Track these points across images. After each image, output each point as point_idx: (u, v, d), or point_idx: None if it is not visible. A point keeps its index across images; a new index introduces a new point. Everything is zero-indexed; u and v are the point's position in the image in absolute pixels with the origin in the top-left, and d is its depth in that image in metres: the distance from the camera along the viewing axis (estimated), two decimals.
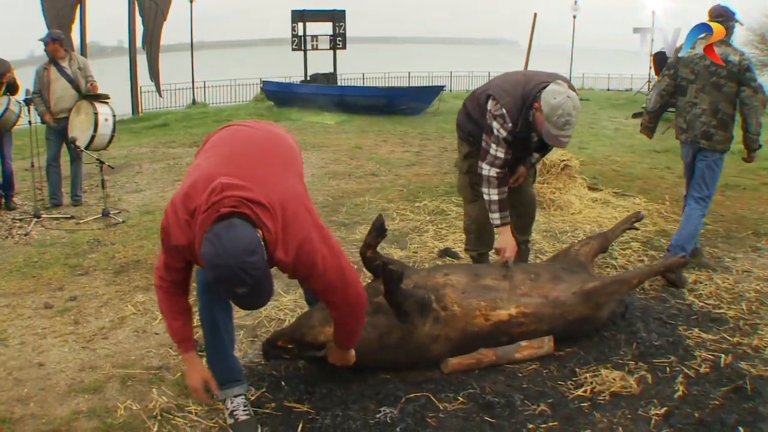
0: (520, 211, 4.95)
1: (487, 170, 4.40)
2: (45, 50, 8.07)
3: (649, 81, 20.07)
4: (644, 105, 18.20)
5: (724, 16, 5.49)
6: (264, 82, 20.42)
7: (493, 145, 4.36)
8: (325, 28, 21.63)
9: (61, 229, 7.17)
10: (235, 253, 2.48)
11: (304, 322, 3.79)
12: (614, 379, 3.79)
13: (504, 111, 4.28)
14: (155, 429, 3.43)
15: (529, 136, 4.38)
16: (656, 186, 9.26)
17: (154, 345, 4.37)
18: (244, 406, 3.43)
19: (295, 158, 3.22)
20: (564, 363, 4.05)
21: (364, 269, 4.15)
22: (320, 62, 21.71)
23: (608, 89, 30.16)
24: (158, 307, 3.29)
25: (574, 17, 30.77)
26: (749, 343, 4.40)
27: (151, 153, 11.81)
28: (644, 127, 6.32)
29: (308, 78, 21.26)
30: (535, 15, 8.13)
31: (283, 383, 3.80)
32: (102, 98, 8.14)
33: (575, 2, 30.74)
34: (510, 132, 4.31)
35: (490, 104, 4.39)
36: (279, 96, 18.78)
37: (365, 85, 25.14)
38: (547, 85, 4.16)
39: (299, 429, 3.38)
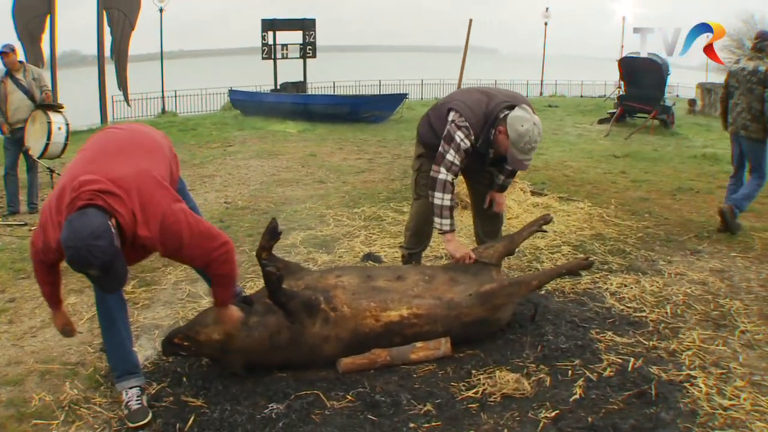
0: (492, 228, 5.16)
1: (444, 175, 4.42)
2: (2, 62, 8.19)
3: (619, 87, 20.05)
4: (609, 110, 18.47)
5: (760, 38, 7.06)
6: (230, 91, 20.37)
7: (452, 152, 4.40)
8: (296, 36, 21.61)
9: (13, 235, 7.24)
10: (83, 236, 2.86)
11: (199, 320, 3.89)
12: (508, 381, 3.75)
13: (468, 124, 4.38)
14: (62, 418, 3.62)
15: (487, 152, 4.52)
16: (605, 190, 9.26)
17: (75, 343, 4.50)
18: (137, 397, 3.62)
19: (157, 148, 3.54)
20: (462, 364, 4.03)
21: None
22: (292, 71, 21.69)
23: (581, 96, 30.34)
24: (35, 276, 3.56)
25: (546, 24, 31.08)
26: (666, 347, 4.35)
27: None
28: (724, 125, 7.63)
29: (278, 87, 21.21)
30: (471, 21, 8.11)
31: (184, 379, 3.95)
32: (56, 108, 8.28)
33: (546, 9, 31.05)
34: (472, 145, 4.42)
35: (452, 115, 4.46)
36: (245, 105, 18.80)
37: (336, 93, 25.15)
38: (510, 107, 4.36)
39: (190, 422, 3.48)
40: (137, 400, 3.58)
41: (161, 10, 24.13)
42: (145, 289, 5.45)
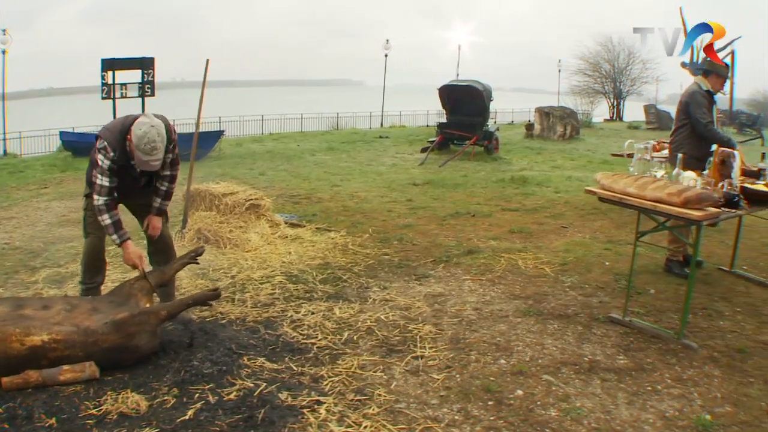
0: (156, 248, 5.67)
1: (97, 200, 4.93)
2: None
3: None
4: (431, 139, 19.23)
5: None
6: (61, 132, 20.31)
7: (99, 176, 4.88)
8: (135, 75, 21.74)
9: None
10: None
11: None
12: (127, 402, 4.17)
13: (106, 143, 4.85)
14: None
15: (130, 164, 5.00)
16: (373, 219, 9.69)
17: None
18: None
19: None
20: (104, 386, 4.41)
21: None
22: (136, 109, 21.77)
23: (427, 125, 31.22)
24: None
25: (386, 56, 32.22)
26: (315, 373, 4.66)
27: None
28: None
29: None
30: (208, 61, 8.64)
31: None
32: None
33: (387, 41, 32.28)
34: (112, 160, 4.88)
35: (96, 144, 4.95)
36: (75, 146, 18.76)
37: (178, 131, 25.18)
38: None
39: None
40: None
41: (4, 52, 24.01)
42: None
